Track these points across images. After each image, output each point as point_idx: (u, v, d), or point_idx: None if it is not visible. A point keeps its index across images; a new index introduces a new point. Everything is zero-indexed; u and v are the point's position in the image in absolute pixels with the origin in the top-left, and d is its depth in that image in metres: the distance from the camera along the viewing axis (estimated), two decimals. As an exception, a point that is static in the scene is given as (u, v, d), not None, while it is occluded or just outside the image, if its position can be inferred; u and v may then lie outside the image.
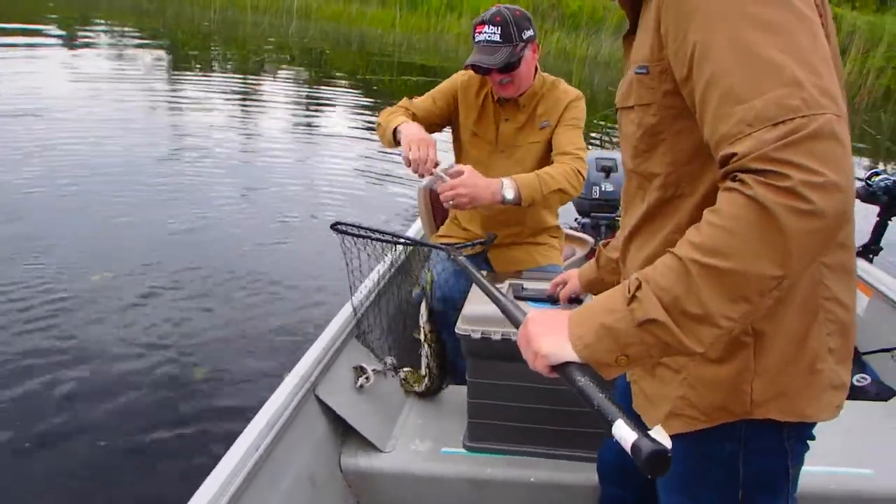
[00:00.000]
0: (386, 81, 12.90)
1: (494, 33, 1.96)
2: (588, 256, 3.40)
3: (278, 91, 11.10)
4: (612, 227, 3.57)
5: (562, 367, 0.82)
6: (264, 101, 10.18)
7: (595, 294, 1.59)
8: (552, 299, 1.71)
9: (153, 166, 6.13)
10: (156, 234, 4.64)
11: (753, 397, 0.94)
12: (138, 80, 10.01)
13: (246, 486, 1.38)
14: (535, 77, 2.13)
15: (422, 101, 2.22)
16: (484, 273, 1.67)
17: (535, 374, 1.67)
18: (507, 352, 1.67)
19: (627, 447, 0.70)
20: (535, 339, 0.85)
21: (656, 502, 1.52)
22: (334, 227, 1.90)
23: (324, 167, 6.79)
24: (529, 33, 2.01)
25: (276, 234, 4.88)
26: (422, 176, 1.89)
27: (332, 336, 1.90)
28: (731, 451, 0.98)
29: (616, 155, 3.58)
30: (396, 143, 2.00)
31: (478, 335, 1.67)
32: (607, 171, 3.40)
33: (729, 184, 0.73)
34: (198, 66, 12.64)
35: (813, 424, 1.00)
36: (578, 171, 1.96)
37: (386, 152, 7.11)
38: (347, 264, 1.97)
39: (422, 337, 2.04)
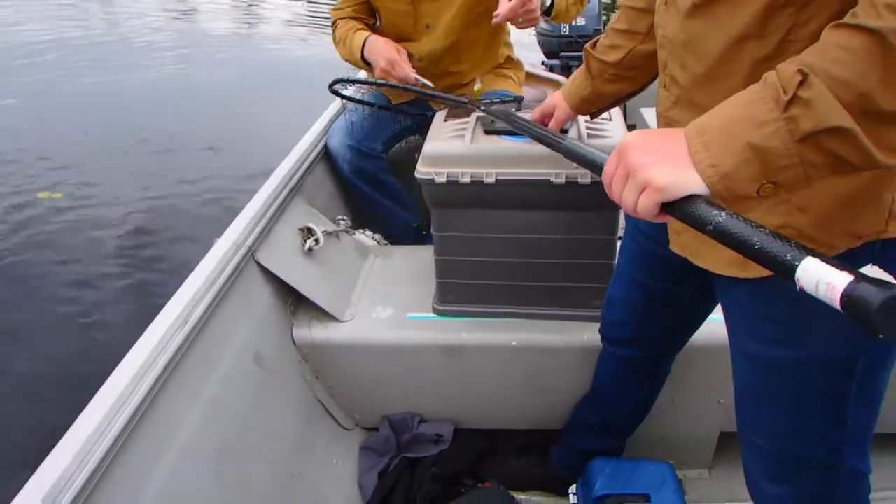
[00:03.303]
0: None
1: None
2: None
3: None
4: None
5: (680, 204, 0.61)
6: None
7: (592, 116, 1.30)
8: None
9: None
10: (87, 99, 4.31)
11: (893, 208, 0.71)
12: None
13: (173, 367, 1.13)
14: None
15: None
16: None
17: (513, 223, 1.45)
18: (479, 197, 1.40)
19: (832, 297, 0.47)
20: (642, 169, 0.62)
21: (666, 356, 1.35)
22: (332, 88, 1.82)
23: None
24: None
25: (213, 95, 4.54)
26: None
27: (270, 192, 1.60)
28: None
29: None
30: (366, 63, 1.85)
31: (443, 178, 1.39)
32: None
33: None
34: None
35: None
36: None
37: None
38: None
39: None
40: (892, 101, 0.52)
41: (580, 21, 3.04)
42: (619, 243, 1.36)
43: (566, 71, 3.22)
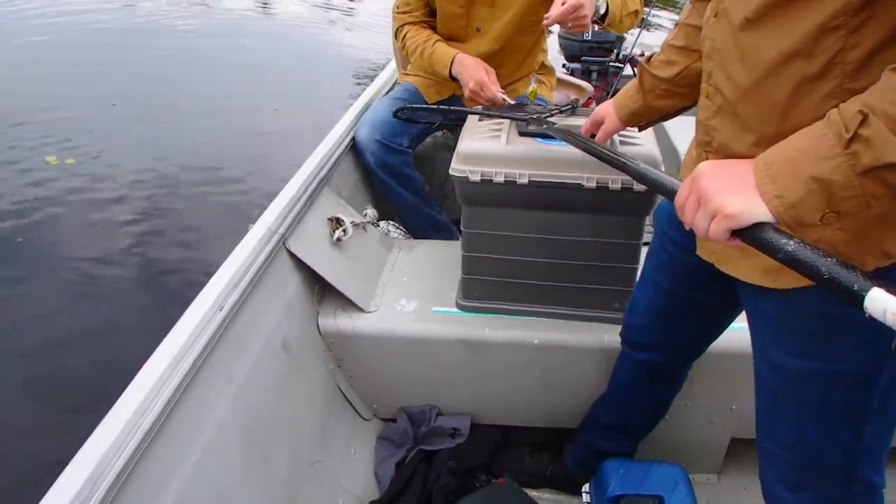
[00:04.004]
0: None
1: None
2: (586, 105, 3.11)
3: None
4: (604, 74, 3.26)
5: (750, 231, 0.66)
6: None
7: (640, 128, 1.32)
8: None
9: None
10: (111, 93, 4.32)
11: None
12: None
13: (209, 350, 1.16)
14: None
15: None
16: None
17: (542, 223, 1.48)
18: (511, 196, 1.43)
19: None
20: (714, 197, 0.67)
21: (685, 363, 1.37)
22: (396, 115, 1.89)
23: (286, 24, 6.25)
24: None
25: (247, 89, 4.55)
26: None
27: (302, 182, 1.63)
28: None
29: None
30: (452, 78, 1.89)
31: (477, 177, 1.41)
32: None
33: None
34: None
35: None
36: None
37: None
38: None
39: None
40: None
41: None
42: (643, 248, 1.39)
43: (586, 75, 3.24)
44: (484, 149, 1.42)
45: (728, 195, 0.67)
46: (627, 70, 3.15)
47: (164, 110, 4.36)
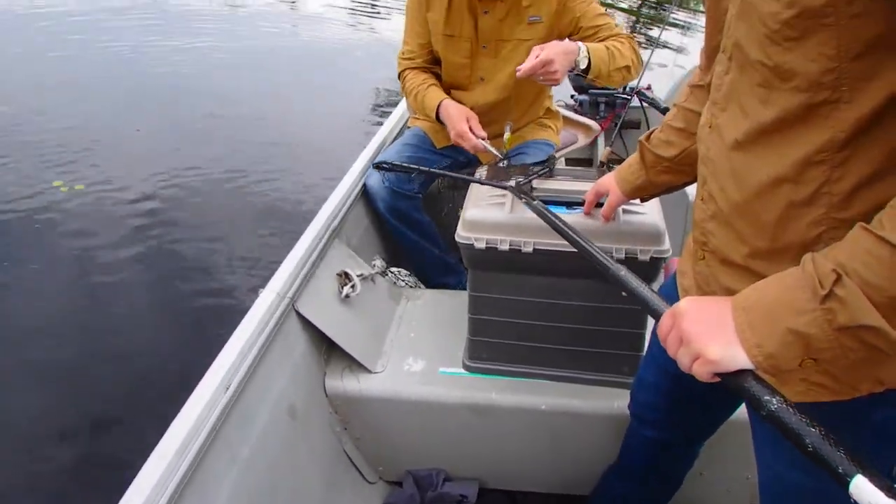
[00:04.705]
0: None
1: None
2: (591, 145, 3.12)
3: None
4: (612, 105, 3.26)
5: (732, 378, 0.67)
6: None
7: (643, 199, 1.32)
8: (568, 203, 1.46)
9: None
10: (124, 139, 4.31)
11: None
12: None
13: (216, 433, 1.16)
14: None
15: (414, 44, 2.01)
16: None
17: (548, 288, 1.48)
18: (516, 263, 1.43)
19: None
20: (696, 341, 0.69)
21: (696, 442, 1.36)
22: (377, 166, 1.91)
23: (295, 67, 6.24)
24: None
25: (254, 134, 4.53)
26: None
27: (313, 238, 1.64)
28: (887, 416, 0.78)
29: (617, 20, 3.19)
30: (439, 120, 1.94)
31: (482, 244, 1.42)
32: None
33: None
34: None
35: None
36: (638, 52, 1.79)
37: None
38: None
39: None
40: None
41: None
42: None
43: (594, 108, 3.24)
44: (489, 216, 1.42)
45: (710, 340, 0.68)
46: (635, 102, 3.14)
47: (179, 136, 4.38)
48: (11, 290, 2.80)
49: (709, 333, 0.68)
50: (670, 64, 4.02)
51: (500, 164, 1.76)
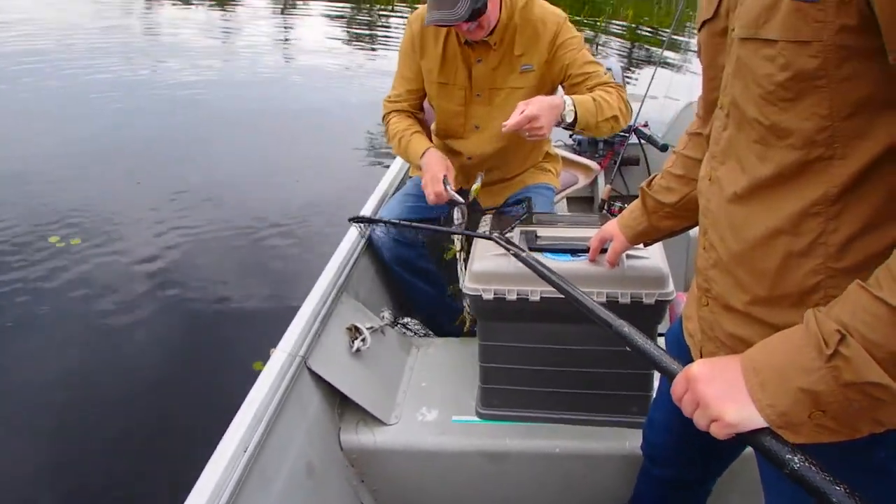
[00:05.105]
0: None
1: None
2: (592, 184, 3.17)
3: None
4: (611, 144, 3.31)
5: (750, 437, 0.71)
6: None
7: (646, 244, 1.36)
8: (573, 250, 1.49)
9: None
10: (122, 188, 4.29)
11: None
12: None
13: (236, 494, 1.18)
14: (500, 8, 1.82)
15: (402, 89, 2.04)
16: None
17: (556, 334, 1.50)
18: (524, 312, 1.46)
19: None
20: (714, 404, 0.72)
21: (709, 479, 1.37)
22: (352, 220, 1.95)
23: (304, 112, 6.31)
24: None
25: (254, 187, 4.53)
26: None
27: (321, 294, 1.67)
28: (888, 457, 0.80)
29: (612, 63, 3.27)
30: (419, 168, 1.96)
31: (490, 295, 1.45)
32: None
33: None
34: None
35: None
36: (627, 101, 1.80)
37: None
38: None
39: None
40: None
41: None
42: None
43: (592, 146, 3.30)
44: (495, 267, 1.46)
45: (726, 404, 0.71)
46: (633, 139, 3.19)
47: (180, 189, 4.35)
48: (8, 354, 2.74)
49: (725, 397, 0.71)
50: (661, 96, 4.07)
51: (489, 213, 1.79)
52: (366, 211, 2.18)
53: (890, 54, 0.63)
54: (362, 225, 2.02)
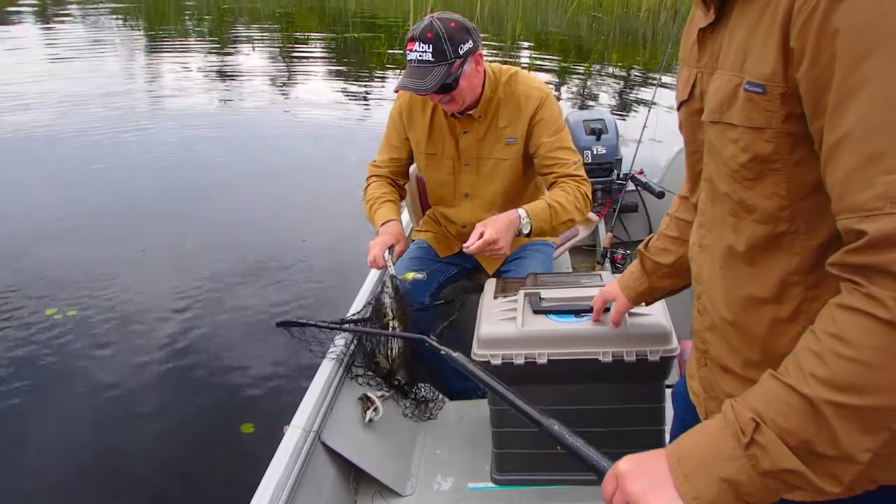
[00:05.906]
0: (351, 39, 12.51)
1: (426, 52, 1.72)
2: (593, 233, 3.21)
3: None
4: (609, 192, 3.37)
5: None
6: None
7: (647, 304, 1.38)
8: (575, 311, 1.51)
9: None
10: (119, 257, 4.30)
11: None
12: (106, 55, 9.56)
13: None
14: (483, 84, 1.89)
15: (387, 156, 2.11)
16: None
17: (566, 395, 1.52)
18: (533, 374, 1.48)
19: None
20: (641, 500, 0.72)
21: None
22: (280, 324, 2.00)
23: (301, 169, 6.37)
24: (468, 46, 1.76)
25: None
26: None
27: (332, 366, 1.69)
28: None
29: (605, 115, 3.35)
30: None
31: (498, 360, 1.47)
32: (597, 133, 3.18)
33: (853, 291, 0.62)
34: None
35: None
36: (586, 195, 1.87)
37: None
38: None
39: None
40: (832, 448, 0.63)
41: (601, 150, 3.18)
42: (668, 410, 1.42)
43: (592, 193, 3.34)
44: (502, 332, 1.48)
45: (652, 499, 0.70)
46: (630, 186, 3.25)
47: (182, 255, 4.34)
48: (9, 430, 2.66)
49: (650, 492, 0.71)
50: (654, 140, 4.14)
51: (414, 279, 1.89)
52: (371, 280, 2.21)
53: (815, 143, 0.67)
54: (292, 328, 2.02)
